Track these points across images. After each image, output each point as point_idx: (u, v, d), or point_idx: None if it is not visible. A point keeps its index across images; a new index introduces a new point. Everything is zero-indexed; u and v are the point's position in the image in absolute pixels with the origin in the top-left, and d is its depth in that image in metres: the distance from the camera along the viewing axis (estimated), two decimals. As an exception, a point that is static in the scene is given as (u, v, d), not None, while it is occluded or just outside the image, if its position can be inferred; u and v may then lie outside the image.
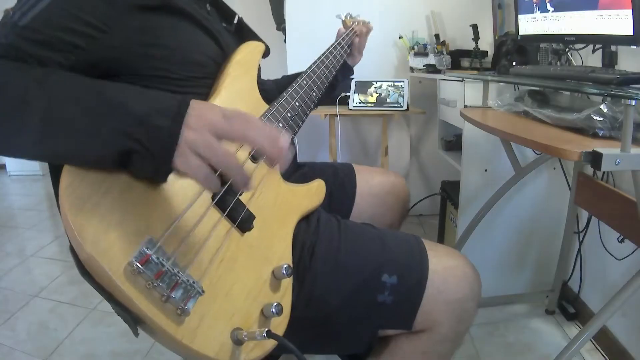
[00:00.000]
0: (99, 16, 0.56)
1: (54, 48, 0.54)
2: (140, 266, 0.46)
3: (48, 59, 0.54)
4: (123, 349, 1.42)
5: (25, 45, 0.53)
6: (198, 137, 0.50)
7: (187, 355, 0.51)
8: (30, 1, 0.53)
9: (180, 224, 0.54)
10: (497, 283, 1.61)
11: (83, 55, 0.56)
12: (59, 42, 0.54)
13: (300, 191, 0.78)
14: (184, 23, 0.66)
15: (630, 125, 0.74)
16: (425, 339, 0.72)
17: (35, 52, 0.53)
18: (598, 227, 1.38)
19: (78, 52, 0.56)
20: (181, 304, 0.49)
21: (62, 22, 0.54)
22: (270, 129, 0.53)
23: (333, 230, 0.76)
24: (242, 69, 0.74)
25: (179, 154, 0.49)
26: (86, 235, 0.45)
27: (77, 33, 0.55)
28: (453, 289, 0.71)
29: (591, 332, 0.96)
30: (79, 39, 0.55)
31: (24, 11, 0.53)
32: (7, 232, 2.49)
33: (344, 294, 0.70)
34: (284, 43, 2.27)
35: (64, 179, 0.47)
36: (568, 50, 1.35)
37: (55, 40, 0.54)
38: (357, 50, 1.13)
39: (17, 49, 0.52)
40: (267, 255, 0.65)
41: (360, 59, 1.17)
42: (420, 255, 0.74)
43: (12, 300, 1.75)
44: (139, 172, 0.51)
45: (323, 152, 2.42)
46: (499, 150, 1.44)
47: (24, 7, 0.53)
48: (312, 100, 0.87)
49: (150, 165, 0.50)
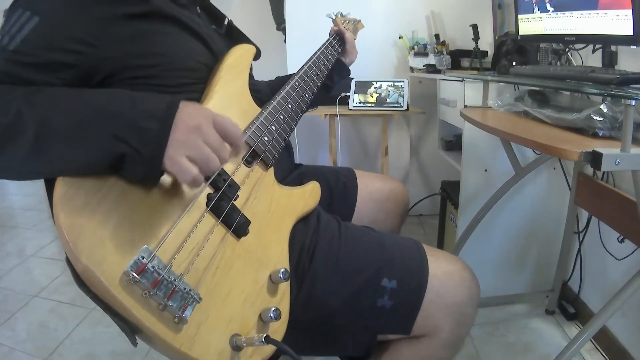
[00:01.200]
0: (89, 30, 0.56)
1: (45, 69, 0.54)
2: (136, 276, 0.46)
3: (41, 80, 0.53)
4: (123, 349, 1.42)
5: (16, 69, 0.52)
6: (187, 139, 0.50)
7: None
8: (18, 23, 0.53)
9: (175, 232, 0.54)
10: (497, 283, 1.61)
11: (74, 73, 0.56)
12: (50, 63, 0.54)
13: (295, 194, 0.77)
14: (174, 29, 0.66)
15: (630, 125, 0.74)
16: (425, 343, 0.72)
17: (28, 75, 0.53)
18: (598, 227, 1.38)
19: (70, 70, 0.55)
20: (178, 312, 0.49)
21: (52, 41, 0.54)
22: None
23: (334, 231, 0.76)
24: (234, 72, 0.74)
25: (168, 156, 0.50)
26: (81, 247, 0.45)
27: (68, 51, 0.55)
28: (452, 293, 0.71)
29: (591, 332, 0.96)
30: (69, 57, 0.55)
31: (12, 34, 0.53)
32: (7, 232, 2.49)
33: (343, 296, 0.70)
34: (284, 43, 2.27)
35: (58, 189, 0.47)
36: (568, 50, 1.35)
37: (46, 62, 0.54)
38: (350, 46, 1.12)
39: (8, 73, 0.52)
40: (264, 260, 0.64)
41: (356, 55, 1.14)
42: (421, 259, 0.74)
43: (12, 300, 1.75)
44: (130, 175, 0.52)
45: (323, 152, 2.42)
46: (499, 150, 1.43)
47: (12, 29, 0.53)
48: (305, 101, 0.87)
49: (141, 167, 0.50)
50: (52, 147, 0.48)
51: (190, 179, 0.51)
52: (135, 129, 0.49)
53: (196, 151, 0.51)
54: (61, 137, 0.48)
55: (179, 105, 0.52)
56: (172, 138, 0.50)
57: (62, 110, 0.49)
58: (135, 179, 0.52)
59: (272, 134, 0.74)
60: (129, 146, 0.49)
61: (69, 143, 0.48)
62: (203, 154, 0.51)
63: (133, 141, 0.49)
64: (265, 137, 0.72)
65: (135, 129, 0.49)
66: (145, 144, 0.49)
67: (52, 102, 0.49)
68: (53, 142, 0.48)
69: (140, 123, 0.49)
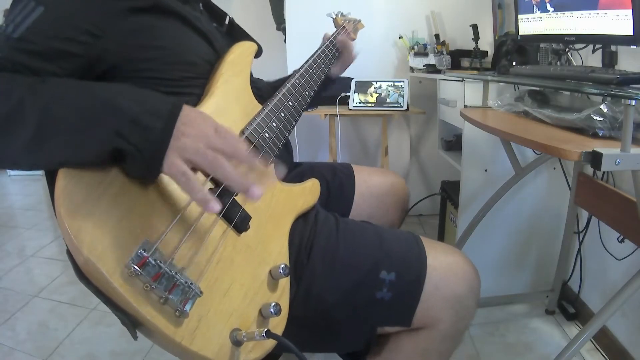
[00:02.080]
0: (93, 21, 0.56)
1: (49, 58, 0.54)
2: (137, 268, 0.46)
3: (44, 69, 0.53)
4: (123, 349, 1.42)
5: (21, 58, 0.53)
6: (189, 143, 0.50)
7: (186, 357, 0.51)
8: (23, 12, 0.53)
9: (176, 225, 0.54)
10: (497, 283, 1.61)
11: (77, 63, 0.56)
12: (54, 52, 0.54)
13: (295, 191, 0.78)
14: (176, 24, 0.67)
15: (630, 125, 0.74)
16: (424, 336, 0.72)
17: (31, 63, 0.53)
18: (598, 227, 1.38)
19: (74, 60, 0.56)
20: (179, 306, 0.49)
21: (57, 30, 0.54)
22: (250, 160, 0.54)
23: (331, 227, 0.77)
24: (235, 69, 0.74)
25: (168, 158, 0.49)
26: (83, 239, 0.45)
27: (72, 40, 0.55)
28: (452, 285, 0.71)
29: (591, 332, 0.96)
30: (74, 46, 0.55)
31: (17, 23, 0.53)
32: (7, 232, 2.49)
33: (342, 290, 0.70)
34: (284, 43, 2.27)
35: (60, 182, 0.47)
36: (568, 50, 1.35)
37: (50, 50, 0.54)
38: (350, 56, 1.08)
39: (13, 61, 0.52)
40: (264, 255, 0.65)
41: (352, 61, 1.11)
42: (419, 251, 0.74)
43: (12, 300, 1.75)
44: (131, 170, 0.52)
45: (323, 152, 2.42)
46: (499, 150, 1.44)
47: (17, 18, 0.53)
48: (305, 99, 0.87)
49: (142, 164, 0.50)
50: (53, 137, 0.48)
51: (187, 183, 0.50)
52: (138, 126, 0.49)
53: (197, 155, 0.50)
54: (63, 127, 0.48)
55: (183, 108, 0.52)
56: (174, 141, 0.50)
57: (66, 100, 0.49)
58: (136, 175, 0.52)
59: (272, 131, 0.74)
60: (129, 143, 0.49)
61: (70, 134, 0.48)
62: (206, 158, 0.51)
63: (134, 138, 0.49)
64: (266, 134, 0.72)
65: (138, 126, 0.49)
66: (146, 143, 0.49)
67: (56, 92, 0.49)
68: (54, 131, 0.48)
69: (144, 121, 0.49)
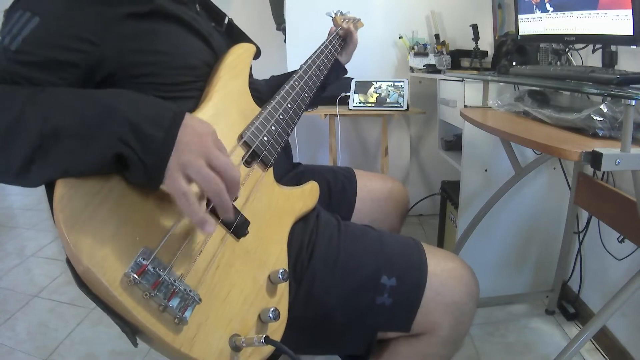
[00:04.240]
0: (91, 29, 0.56)
1: (48, 68, 0.53)
2: (136, 277, 0.46)
3: (44, 80, 0.53)
4: (123, 349, 1.42)
5: (20, 70, 0.52)
6: (192, 160, 0.50)
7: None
8: (19, 24, 0.53)
9: (175, 232, 0.54)
10: (497, 283, 1.61)
11: (76, 72, 0.56)
12: (53, 62, 0.53)
13: (294, 194, 0.77)
14: (174, 27, 0.66)
15: (630, 125, 0.74)
16: (424, 341, 0.72)
17: (31, 75, 0.52)
18: (598, 227, 1.38)
19: (73, 69, 0.55)
20: (179, 313, 0.49)
21: (54, 40, 0.54)
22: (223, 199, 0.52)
23: (333, 229, 0.76)
24: (234, 71, 0.74)
25: (169, 171, 0.49)
26: (82, 248, 0.45)
27: (70, 49, 0.54)
28: (451, 291, 0.72)
29: (591, 332, 0.96)
30: (72, 55, 0.55)
31: (14, 34, 0.52)
32: (7, 232, 2.49)
33: (342, 294, 0.70)
34: (284, 43, 2.26)
35: (58, 190, 0.47)
36: (568, 50, 1.35)
37: (49, 61, 0.53)
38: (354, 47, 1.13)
39: (11, 73, 0.52)
40: (263, 260, 0.64)
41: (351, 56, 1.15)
42: (420, 257, 0.74)
43: (12, 300, 1.75)
44: (133, 177, 0.51)
45: (323, 152, 2.41)
46: (499, 150, 1.43)
47: (13, 30, 0.52)
48: (304, 101, 0.87)
49: (144, 172, 0.50)
50: (56, 145, 0.47)
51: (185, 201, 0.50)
52: (139, 134, 0.48)
53: (197, 174, 0.50)
54: (65, 135, 0.47)
55: (185, 118, 0.52)
56: (175, 157, 0.49)
57: (66, 108, 0.49)
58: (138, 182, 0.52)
59: (271, 133, 0.74)
60: (132, 149, 0.48)
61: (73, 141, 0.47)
62: (207, 179, 0.50)
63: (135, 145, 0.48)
64: (264, 137, 0.72)
65: (139, 134, 0.48)
66: (148, 151, 0.49)
67: (56, 100, 0.49)
68: (57, 139, 0.47)
69: (145, 129, 0.49)
